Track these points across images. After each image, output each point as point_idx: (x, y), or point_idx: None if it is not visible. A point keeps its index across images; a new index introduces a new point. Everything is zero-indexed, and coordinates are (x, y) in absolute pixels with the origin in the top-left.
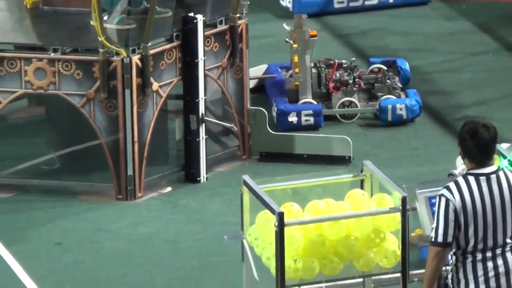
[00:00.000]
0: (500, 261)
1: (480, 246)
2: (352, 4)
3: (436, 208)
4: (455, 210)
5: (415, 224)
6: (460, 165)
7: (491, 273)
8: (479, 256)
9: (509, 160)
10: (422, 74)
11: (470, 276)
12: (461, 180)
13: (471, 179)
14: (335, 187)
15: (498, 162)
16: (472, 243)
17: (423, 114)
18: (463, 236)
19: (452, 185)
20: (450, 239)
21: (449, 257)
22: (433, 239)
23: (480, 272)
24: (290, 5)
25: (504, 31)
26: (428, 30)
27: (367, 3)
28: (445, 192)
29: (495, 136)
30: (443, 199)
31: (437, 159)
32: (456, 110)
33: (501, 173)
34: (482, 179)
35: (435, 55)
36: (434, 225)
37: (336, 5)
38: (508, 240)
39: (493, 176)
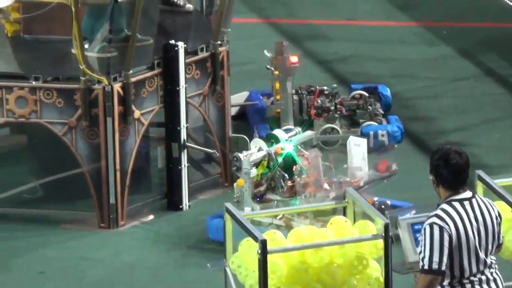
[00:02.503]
0: (493, 284)
1: (474, 270)
2: None
3: (426, 237)
4: (450, 237)
5: (398, 251)
6: (253, 147)
7: None
8: (476, 281)
9: (295, 146)
10: (403, 100)
11: None
12: (448, 208)
13: (457, 205)
14: (318, 214)
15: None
16: (468, 269)
17: (404, 140)
18: (458, 263)
19: (441, 213)
20: (444, 267)
21: None
22: (426, 267)
23: None
24: None
25: (484, 56)
26: (409, 55)
27: None
28: (436, 220)
29: (468, 161)
30: (436, 227)
31: (419, 185)
32: (437, 136)
33: (477, 198)
34: (466, 203)
35: (416, 81)
36: (427, 254)
37: None
38: (489, 261)
39: (474, 200)
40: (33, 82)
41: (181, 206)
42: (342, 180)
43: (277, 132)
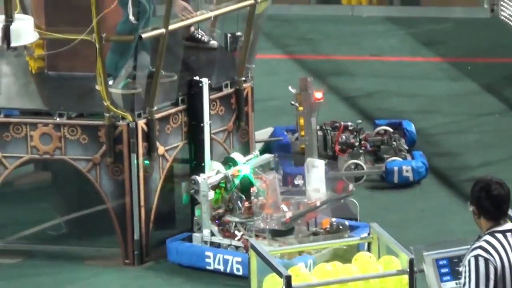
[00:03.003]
0: None
1: None
2: None
3: (471, 269)
4: (496, 269)
5: (423, 286)
6: (211, 170)
7: None
8: None
9: (252, 168)
10: (428, 136)
11: None
12: (491, 239)
13: (500, 236)
14: (342, 249)
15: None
16: None
17: (429, 176)
18: None
19: (485, 244)
20: None
21: None
22: None
23: None
24: None
25: (509, 92)
26: (434, 91)
27: None
28: (481, 252)
29: (509, 192)
30: (481, 259)
31: (444, 220)
32: (462, 172)
33: None
34: (509, 235)
35: (441, 117)
36: (472, 286)
37: None
38: None
39: None
40: (58, 119)
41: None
42: (299, 201)
43: (235, 155)
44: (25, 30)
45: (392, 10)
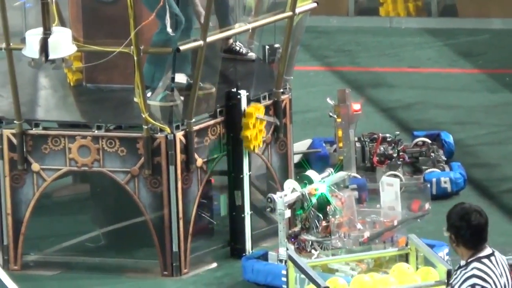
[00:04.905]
0: None
1: None
2: None
3: None
4: None
5: None
6: (287, 188)
7: None
8: None
9: (328, 186)
10: (466, 147)
11: None
12: (481, 266)
13: (487, 262)
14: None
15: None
16: None
17: (467, 187)
18: None
19: (479, 272)
20: None
21: None
22: None
23: None
24: None
25: None
26: (472, 102)
27: None
28: (478, 281)
29: (487, 218)
30: None
31: None
32: (501, 183)
33: (496, 253)
34: (492, 259)
35: (479, 128)
36: None
37: None
38: None
39: (497, 256)
40: (96, 131)
41: (244, 254)
42: (375, 220)
43: (310, 173)
44: (63, 42)
45: (430, 21)
